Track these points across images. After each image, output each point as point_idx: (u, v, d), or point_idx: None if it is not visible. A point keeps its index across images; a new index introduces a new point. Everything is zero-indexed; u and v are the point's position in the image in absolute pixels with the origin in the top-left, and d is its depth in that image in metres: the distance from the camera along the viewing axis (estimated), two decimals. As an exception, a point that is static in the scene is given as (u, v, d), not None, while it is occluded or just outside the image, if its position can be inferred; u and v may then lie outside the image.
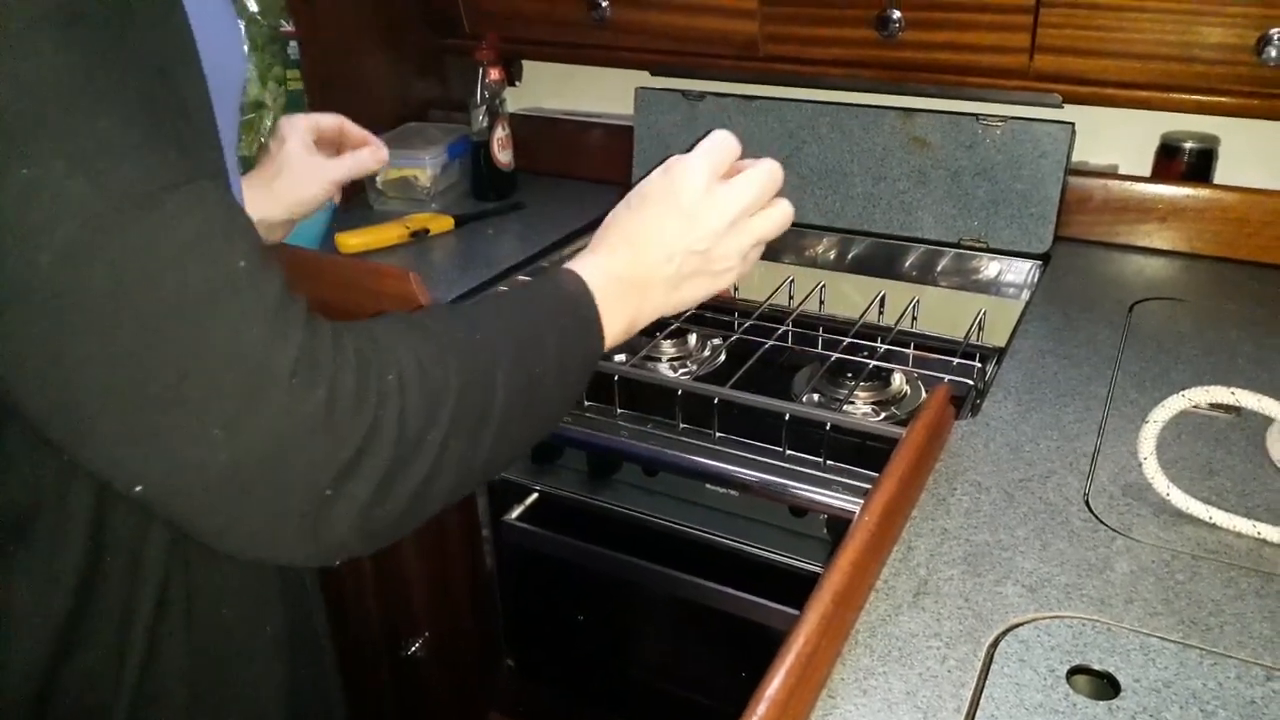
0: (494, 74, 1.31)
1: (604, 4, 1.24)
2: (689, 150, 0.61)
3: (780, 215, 0.63)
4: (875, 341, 1.07)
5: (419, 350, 0.45)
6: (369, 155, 0.83)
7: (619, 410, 0.98)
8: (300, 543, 0.41)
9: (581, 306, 0.57)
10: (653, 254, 0.59)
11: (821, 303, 1.26)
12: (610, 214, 0.63)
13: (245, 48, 0.55)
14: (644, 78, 1.39)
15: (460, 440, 0.46)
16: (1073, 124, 1.12)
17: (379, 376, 0.42)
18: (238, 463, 0.38)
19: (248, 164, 1.18)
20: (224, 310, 0.38)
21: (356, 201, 1.35)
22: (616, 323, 0.59)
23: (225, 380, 0.38)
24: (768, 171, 0.62)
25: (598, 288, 0.58)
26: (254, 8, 1.13)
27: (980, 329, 1.12)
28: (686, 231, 0.60)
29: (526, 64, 1.56)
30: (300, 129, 0.81)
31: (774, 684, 0.51)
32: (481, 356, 0.49)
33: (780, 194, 0.65)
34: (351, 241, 1.17)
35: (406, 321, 0.47)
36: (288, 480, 0.40)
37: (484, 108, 1.33)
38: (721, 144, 0.61)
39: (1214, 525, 0.67)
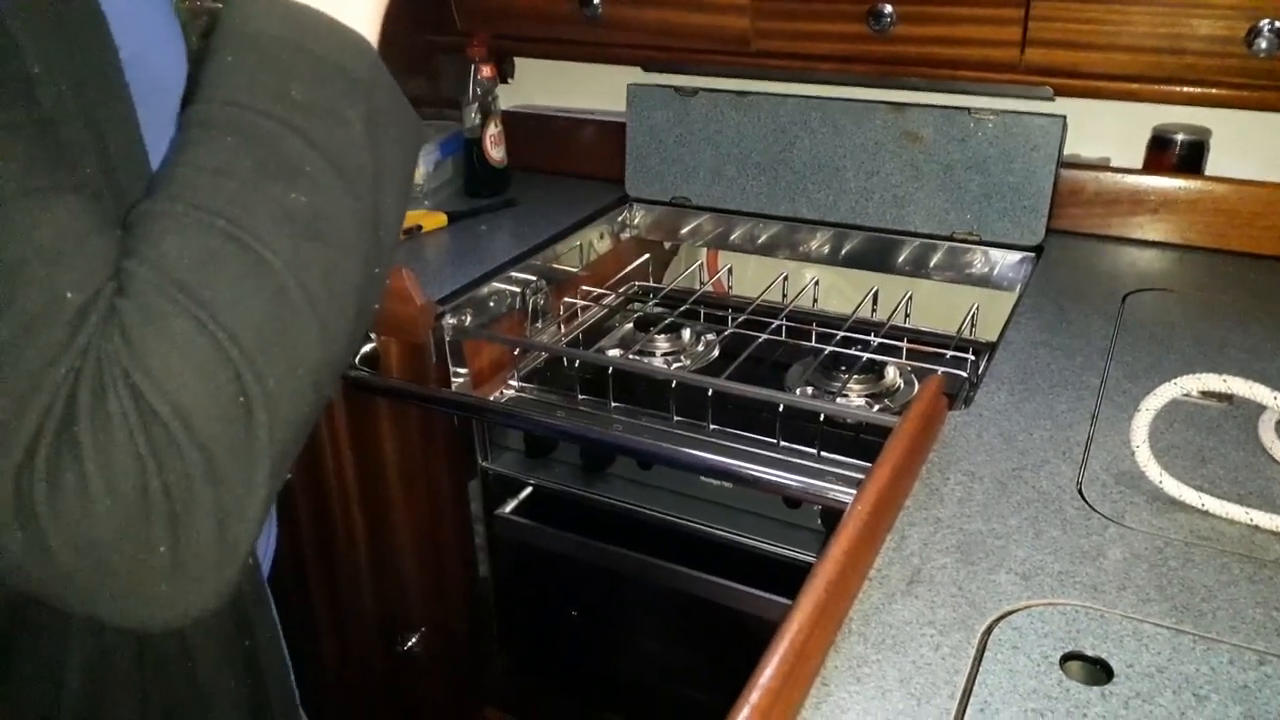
0: (486, 71, 1.31)
1: (595, 0, 1.24)
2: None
3: None
4: (869, 336, 1.07)
5: (218, 397, 0.35)
6: None
7: (613, 404, 0.98)
8: (172, 600, 0.36)
9: (306, 36, 0.38)
10: None
11: (815, 299, 1.26)
12: None
13: (185, 53, 0.52)
14: (636, 74, 1.39)
15: (289, 409, 0.37)
16: (1064, 117, 1.12)
17: (169, 463, 0.34)
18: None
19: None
20: (27, 350, 0.33)
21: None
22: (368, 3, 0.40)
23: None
24: None
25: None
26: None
27: (973, 324, 1.12)
28: None
29: (518, 61, 1.56)
30: None
31: (767, 672, 0.51)
32: (277, 319, 0.37)
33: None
34: (344, 238, 1.17)
35: (188, 318, 0.35)
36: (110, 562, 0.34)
37: (476, 105, 1.33)
38: None
39: (1207, 512, 0.67)
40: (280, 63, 0.38)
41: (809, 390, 0.99)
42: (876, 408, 0.97)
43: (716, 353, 1.10)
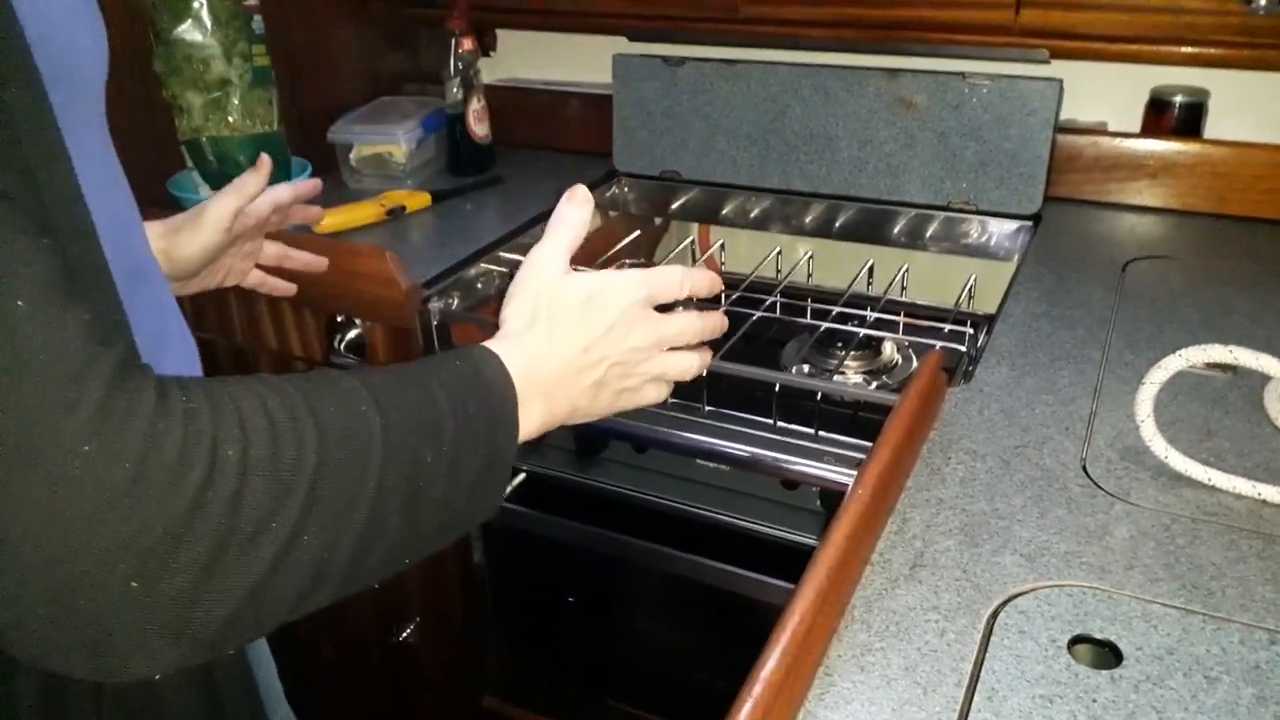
0: (467, 44, 1.28)
1: (578, -31, 1.21)
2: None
3: (696, 361, 0.61)
4: (865, 311, 1.05)
5: (274, 418, 0.38)
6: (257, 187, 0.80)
7: (605, 386, 0.96)
8: (94, 653, 0.34)
9: (496, 393, 0.49)
10: (585, 354, 0.54)
11: (809, 274, 1.24)
12: (529, 284, 0.55)
13: (104, 34, 0.51)
14: (621, 44, 1.36)
15: (316, 536, 0.39)
16: (1060, 80, 1.09)
17: (214, 448, 0.35)
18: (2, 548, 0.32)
19: (217, 145, 1.15)
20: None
21: (331, 180, 1.31)
22: (532, 421, 0.52)
23: None
24: (706, 316, 0.61)
25: (520, 376, 0.50)
26: (215, -19, 1.09)
27: (971, 296, 1.11)
28: (618, 340, 0.55)
29: (500, 33, 1.52)
30: (235, 192, 0.79)
31: (770, 664, 0.50)
32: (354, 433, 0.41)
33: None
34: (326, 221, 1.14)
35: (265, 383, 0.40)
36: (72, 574, 0.33)
37: (458, 79, 1.29)
38: (669, 277, 0.59)
39: (1213, 487, 0.65)
40: (487, 399, 0.49)
41: (805, 368, 0.98)
42: (874, 385, 0.95)
43: (710, 330, 1.08)
